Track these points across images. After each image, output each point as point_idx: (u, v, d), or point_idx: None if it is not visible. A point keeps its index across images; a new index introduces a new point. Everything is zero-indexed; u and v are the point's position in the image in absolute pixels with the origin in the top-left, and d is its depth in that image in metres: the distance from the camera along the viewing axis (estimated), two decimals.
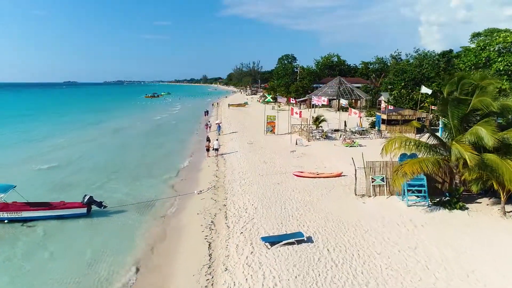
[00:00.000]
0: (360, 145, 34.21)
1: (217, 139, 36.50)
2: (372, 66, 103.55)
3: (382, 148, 18.62)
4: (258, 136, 42.17)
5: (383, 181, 19.48)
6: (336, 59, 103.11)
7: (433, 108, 42.11)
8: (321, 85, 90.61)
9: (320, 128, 44.34)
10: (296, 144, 35.31)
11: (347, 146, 33.80)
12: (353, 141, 34.19)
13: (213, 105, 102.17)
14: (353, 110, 38.33)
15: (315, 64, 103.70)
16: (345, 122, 39.29)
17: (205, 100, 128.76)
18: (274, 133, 43.72)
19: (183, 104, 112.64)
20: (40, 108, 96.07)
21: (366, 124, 45.81)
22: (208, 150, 34.32)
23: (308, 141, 37.43)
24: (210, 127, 52.52)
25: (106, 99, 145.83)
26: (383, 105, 38.38)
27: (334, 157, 29.92)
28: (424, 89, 38.23)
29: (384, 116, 41.52)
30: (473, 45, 71.05)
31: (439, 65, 57.77)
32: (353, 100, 71.83)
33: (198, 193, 22.45)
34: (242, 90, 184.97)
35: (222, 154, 34.03)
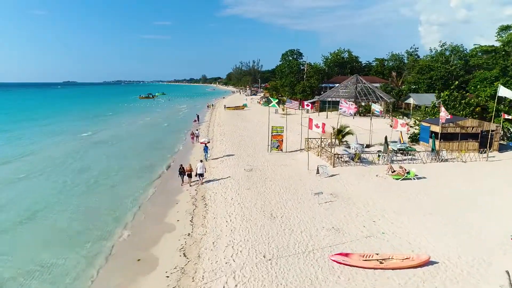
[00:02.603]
0: (417, 176, 22.28)
1: (201, 161, 24.94)
2: (387, 64, 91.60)
3: None
4: (260, 156, 30.32)
5: None
6: (346, 55, 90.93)
7: (506, 117, 30.22)
8: (330, 85, 78.87)
9: (345, 143, 32.56)
10: (318, 173, 23.45)
11: (397, 179, 21.89)
12: (406, 170, 22.23)
13: (208, 107, 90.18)
14: (399, 121, 26.22)
15: (323, 61, 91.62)
16: (385, 138, 27.39)
17: (201, 101, 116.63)
18: (281, 150, 31.93)
19: (175, 106, 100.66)
20: (17, 112, 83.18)
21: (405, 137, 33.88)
22: (189, 176, 23.52)
23: (334, 166, 25.57)
24: (197, 137, 41.06)
25: (97, 101, 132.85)
26: (443, 113, 26.38)
27: (388, 203, 18.03)
28: (504, 91, 26.36)
29: (435, 128, 29.60)
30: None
31: (506, 58, 45.11)
32: (370, 103, 60.07)
33: None
34: (241, 90, 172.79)
35: (207, 182, 23.01)
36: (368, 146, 32.13)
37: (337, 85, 70.61)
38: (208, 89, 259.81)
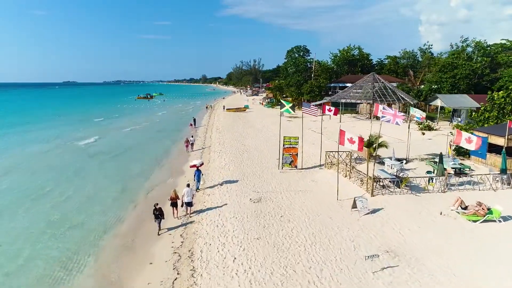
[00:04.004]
0: (503, 217, 15.43)
1: (188, 184, 18.31)
2: (399, 61, 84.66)
3: None
4: (269, 175, 23.55)
5: None
6: (357, 52, 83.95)
7: None
8: (340, 85, 72.06)
9: (377, 158, 25.70)
10: (355, 207, 16.66)
11: (475, 221, 15.07)
12: (486, 207, 15.37)
13: (207, 108, 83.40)
14: (464, 134, 18.99)
15: (332, 59, 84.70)
16: (440, 155, 20.51)
17: (200, 102, 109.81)
18: (295, 166, 25.18)
19: (174, 107, 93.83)
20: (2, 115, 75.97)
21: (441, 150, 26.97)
22: (174, 205, 17.33)
23: (372, 195, 18.76)
24: (192, 144, 34.52)
25: (92, 101, 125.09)
26: None
27: (483, 271, 11.24)
28: None
29: (497, 139, 22.81)
30: None
31: None
32: (386, 104, 53.20)
33: None
34: (242, 91, 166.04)
35: (198, 213, 16.85)
36: (406, 161, 25.35)
37: (348, 85, 63.91)
38: (208, 89, 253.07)
